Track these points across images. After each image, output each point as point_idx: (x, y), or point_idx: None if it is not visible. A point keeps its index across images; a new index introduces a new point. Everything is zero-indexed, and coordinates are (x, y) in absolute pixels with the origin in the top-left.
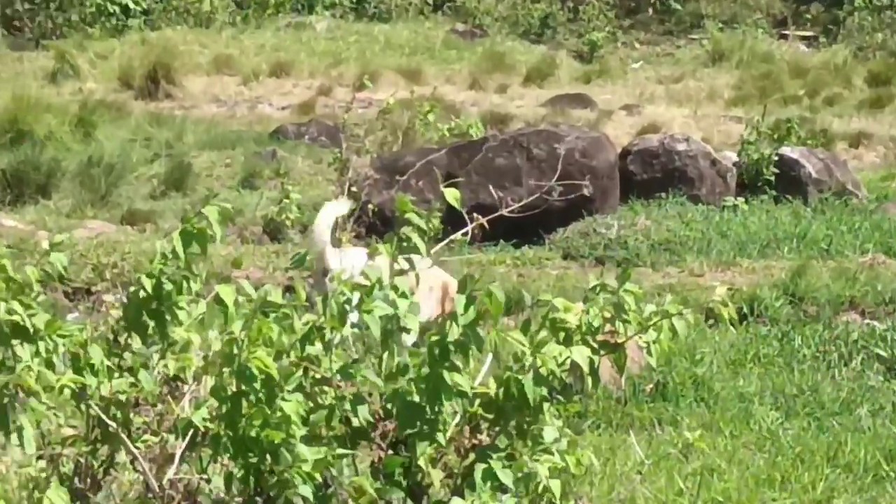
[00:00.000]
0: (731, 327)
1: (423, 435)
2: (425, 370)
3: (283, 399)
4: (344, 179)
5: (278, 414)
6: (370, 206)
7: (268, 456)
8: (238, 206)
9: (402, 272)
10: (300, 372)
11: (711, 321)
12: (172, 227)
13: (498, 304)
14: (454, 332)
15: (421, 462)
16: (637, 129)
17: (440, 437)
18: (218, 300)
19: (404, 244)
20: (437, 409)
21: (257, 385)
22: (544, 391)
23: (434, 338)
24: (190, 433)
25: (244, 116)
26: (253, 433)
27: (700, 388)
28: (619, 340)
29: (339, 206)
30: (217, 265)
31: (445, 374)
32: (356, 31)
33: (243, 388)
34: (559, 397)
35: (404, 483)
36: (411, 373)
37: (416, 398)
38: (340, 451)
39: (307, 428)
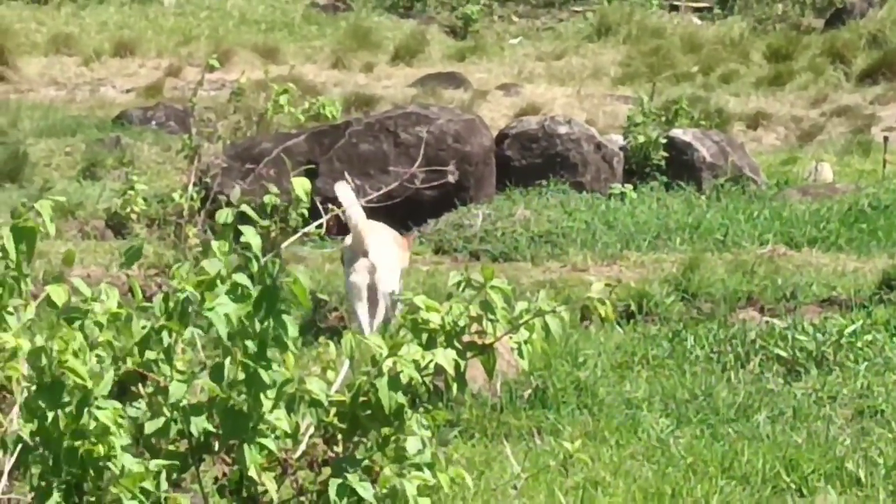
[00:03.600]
0: (618, 327)
1: (249, 441)
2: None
3: (98, 407)
4: (194, 168)
5: (93, 424)
6: (221, 196)
7: (90, 471)
8: (78, 199)
9: (238, 269)
10: (109, 375)
11: (591, 320)
12: (6, 222)
13: (303, 291)
14: (257, 326)
15: (252, 472)
16: (515, 111)
17: (269, 442)
18: (49, 302)
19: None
20: (259, 411)
21: (68, 395)
22: (402, 398)
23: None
24: (19, 448)
25: (85, 100)
26: (69, 446)
27: (583, 394)
28: (488, 341)
29: (345, 187)
30: (55, 264)
31: (262, 371)
32: (207, 5)
33: (56, 398)
34: (425, 405)
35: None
36: (229, 375)
37: (236, 402)
38: (157, 462)
39: (132, 438)
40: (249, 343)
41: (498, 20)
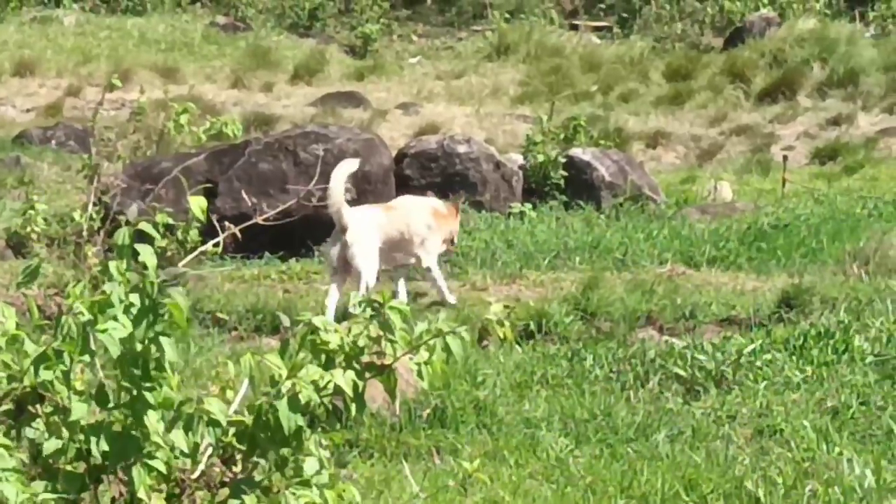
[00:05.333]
0: (517, 346)
1: (136, 462)
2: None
3: None
4: (94, 187)
5: None
6: (121, 216)
7: None
8: None
9: (136, 289)
10: None
11: (490, 340)
12: None
13: (180, 312)
14: (138, 347)
15: (141, 493)
16: (414, 130)
17: (157, 463)
18: None
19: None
20: (145, 432)
21: None
22: (301, 419)
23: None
24: None
25: None
26: None
27: (482, 413)
28: (387, 362)
29: (351, 164)
30: None
31: (146, 394)
32: (108, 25)
33: None
34: (324, 426)
35: None
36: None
37: (123, 423)
38: (44, 485)
39: (30, 458)
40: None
41: (397, 39)
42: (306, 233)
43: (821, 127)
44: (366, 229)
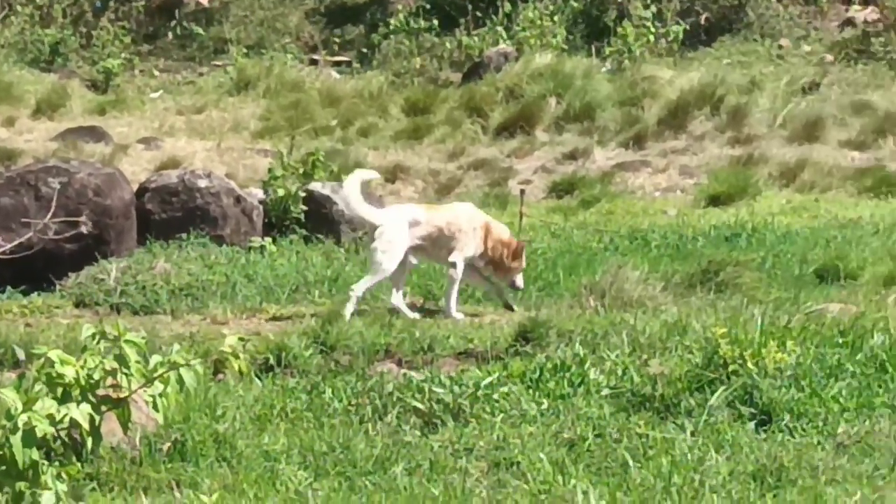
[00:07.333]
0: (257, 380)
1: None
2: None
3: None
4: None
5: None
6: None
7: None
8: None
9: None
10: None
11: (227, 373)
12: None
13: None
14: None
15: None
16: (156, 165)
17: None
18: None
19: None
20: None
21: None
22: (37, 453)
23: None
24: None
25: None
26: None
27: (222, 447)
28: (123, 395)
29: (366, 174)
30: None
31: None
32: None
33: None
34: (61, 459)
35: None
36: None
37: None
38: None
39: None
40: None
41: (139, 74)
42: (48, 266)
43: (558, 161)
44: (393, 227)
